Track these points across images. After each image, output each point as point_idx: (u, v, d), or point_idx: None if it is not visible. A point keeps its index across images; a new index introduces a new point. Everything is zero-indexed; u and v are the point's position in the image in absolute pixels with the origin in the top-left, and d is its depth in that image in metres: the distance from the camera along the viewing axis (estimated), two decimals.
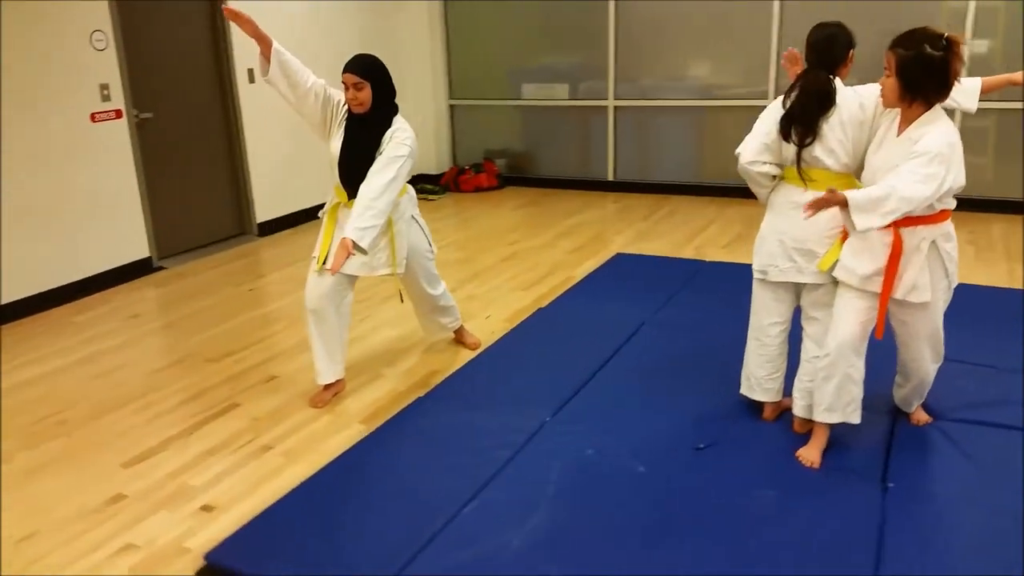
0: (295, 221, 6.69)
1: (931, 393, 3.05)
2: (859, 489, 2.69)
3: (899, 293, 2.67)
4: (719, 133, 7.20)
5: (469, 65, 7.97)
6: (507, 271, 5.27)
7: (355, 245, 3.12)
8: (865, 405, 2.84)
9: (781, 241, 2.86)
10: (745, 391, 3.16)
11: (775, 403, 3.12)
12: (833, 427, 2.86)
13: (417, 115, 3.40)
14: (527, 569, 2.37)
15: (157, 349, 4.31)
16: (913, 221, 2.59)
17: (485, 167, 7.91)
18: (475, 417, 3.25)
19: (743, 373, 3.17)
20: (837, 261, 2.75)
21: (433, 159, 8.00)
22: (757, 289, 3.04)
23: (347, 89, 3.25)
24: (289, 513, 2.67)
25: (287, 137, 6.46)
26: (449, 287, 3.97)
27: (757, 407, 3.16)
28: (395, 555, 2.43)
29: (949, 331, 2.88)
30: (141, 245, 5.50)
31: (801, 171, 2.76)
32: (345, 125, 3.34)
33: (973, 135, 5.99)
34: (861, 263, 2.68)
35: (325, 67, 3.28)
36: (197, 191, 5.98)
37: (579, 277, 5.01)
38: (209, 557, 2.48)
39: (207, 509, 2.78)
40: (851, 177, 2.77)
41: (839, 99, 2.69)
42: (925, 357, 2.88)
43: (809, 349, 2.94)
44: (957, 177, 2.52)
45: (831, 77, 2.71)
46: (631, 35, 7.17)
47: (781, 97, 2.81)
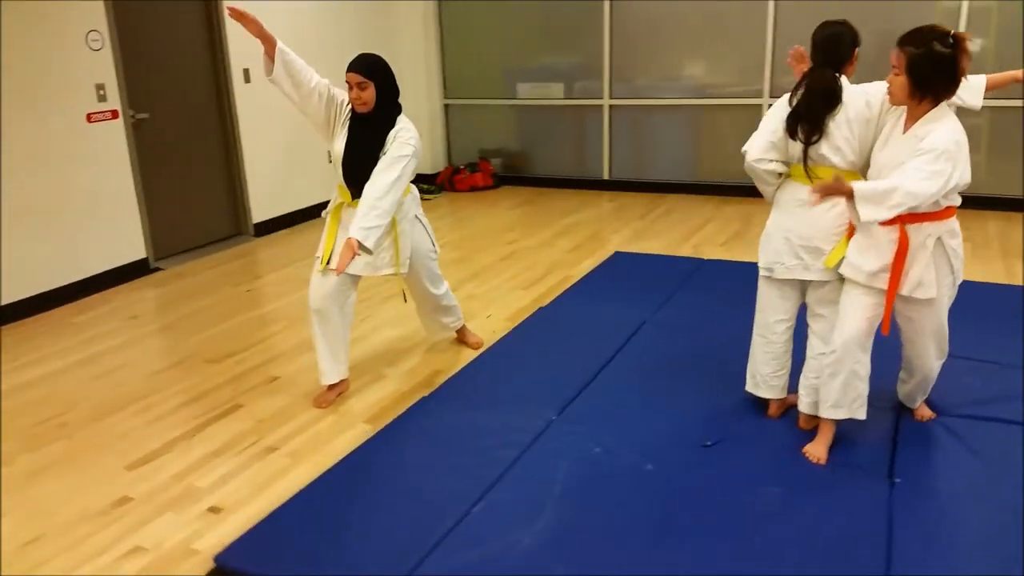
0: (291, 221, 6.67)
1: (934, 389, 3.06)
2: (866, 485, 2.70)
3: (905, 289, 2.68)
4: (714, 132, 7.22)
5: (464, 64, 7.96)
6: (506, 270, 5.27)
7: (360, 245, 3.11)
8: (869, 401, 2.84)
9: (787, 238, 2.87)
10: (750, 388, 3.17)
11: (780, 400, 3.13)
12: (839, 423, 2.87)
13: (411, 114, 3.38)
14: (538, 569, 2.36)
15: (157, 350, 4.29)
16: (919, 218, 2.61)
17: (480, 166, 7.90)
18: (480, 417, 3.25)
19: (748, 370, 3.18)
20: (843, 258, 2.77)
21: (428, 158, 7.98)
22: (763, 286, 3.05)
23: (351, 88, 3.23)
24: (297, 514, 2.66)
25: (283, 137, 6.45)
26: (449, 287, 3.96)
27: (762, 404, 3.17)
28: (404, 556, 2.42)
29: (952, 327, 2.89)
30: (138, 246, 5.47)
31: (807, 169, 2.77)
32: (349, 125, 3.33)
33: (968, 132, 5.96)
34: (867, 260, 2.69)
35: (319, 67, 3.27)
36: (193, 191, 5.95)
37: (578, 276, 5.01)
38: (218, 559, 2.46)
39: (214, 511, 2.77)
40: (857, 175, 2.77)
41: (845, 97, 2.70)
42: (930, 353, 2.89)
43: (815, 346, 2.95)
44: (963, 174, 2.53)
45: (837, 75, 2.72)
46: (626, 34, 7.18)
47: (787, 95, 2.81)
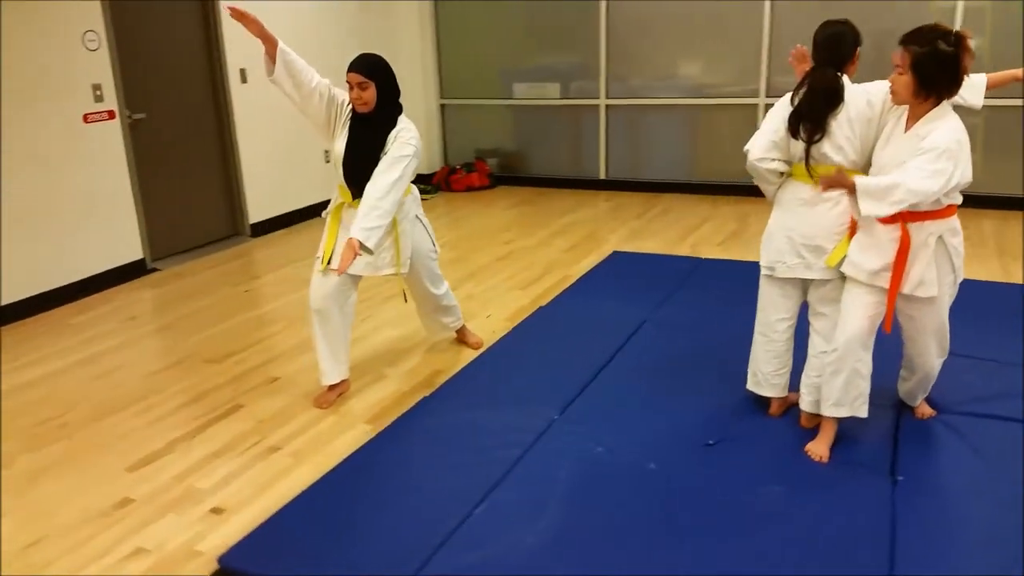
0: (288, 221, 6.65)
1: (934, 387, 3.07)
2: (869, 483, 2.71)
3: (907, 288, 2.69)
4: (710, 132, 7.23)
5: (460, 64, 7.96)
6: (504, 270, 5.27)
7: (361, 245, 3.11)
8: (869, 399, 2.85)
9: (789, 237, 2.88)
10: (752, 387, 3.18)
11: (782, 398, 3.14)
12: (841, 421, 2.88)
13: (407, 114, 3.38)
14: (542, 569, 2.36)
15: (156, 351, 4.27)
16: (920, 216, 2.62)
17: (476, 166, 7.90)
18: (481, 416, 3.24)
19: (749, 369, 3.18)
20: (845, 257, 2.77)
21: (424, 158, 7.95)
22: (764, 285, 3.06)
23: (351, 88, 3.23)
24: (301, 515, 2.66)
25: (280, 137, 6.43)
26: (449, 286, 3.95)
27: (763, 403, 3.18)
28: (409, 556, 2.41)
29: (951, 326, 2.90)
30: (135, 246, 5.45)
31: (809, 168, 2.78)
32: (349, 125, 3.33)
33: None
34: (869, 259, 2.70)
35: (314, 67, 3.26)
36: (190, 192, 5.93)
37: (576, 276, 5.01)
38: (222, 560, 2.45)
39: (216, 512, 2.76)
40: (859, 173, 2.78)
41: (847, 96, 2.71)
42: (931, 351, 2.90)
43: (816, 344, 2.96)
44: (964, 173, 2.54)
45: (839, 75, 2.72)
46: (622, 34, 7.19)
47: (789, 94, 2.82)
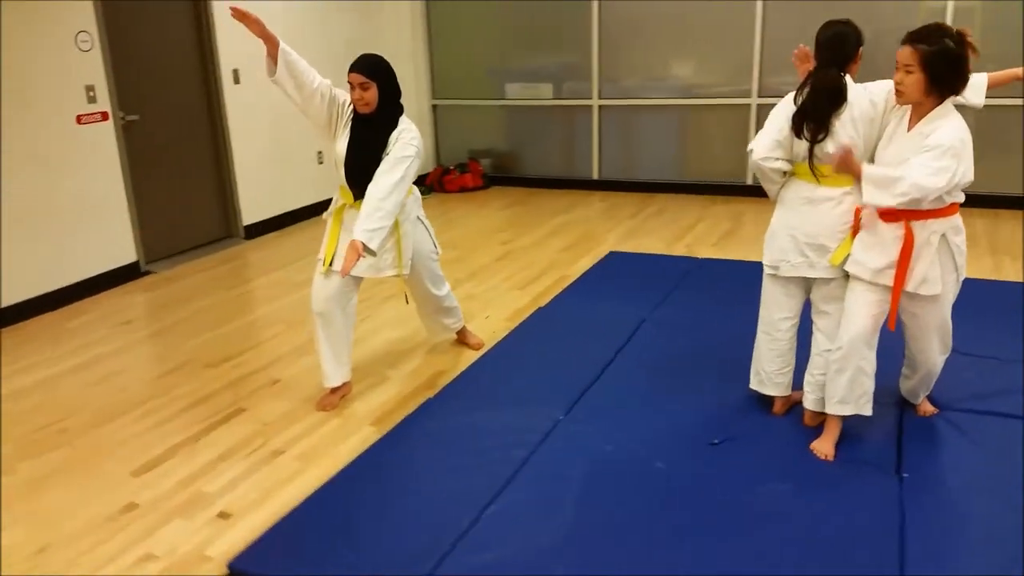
0: (282, 224, 6.62)
1: (936, 384, 3.10)
2: (875, 480, 2.72)
3: (910, 286, 2.71)
4: (703, 132, 7.25)
5: (452, 65, 7.94)
6: (502, 271, 5.27)
7: (364, 247, 3.10)
8: (872, 398, 2.87)
9: (793, 236, 2.89)
10: (755, 386, 3.19)
11: (785, 397, 3.15)
12: (845, 419, 2.90)
13: None
14: (557, 568, 2.37)
15: (154, 355, 4.24)
16: (923, 215, 2.64)
17: (470, 167, 7.89)
18: (485, 418, 3.24)
19: (753, 368, 3.19)
20: (848, 255, 2.79)
21: None
22: (767, 284, 3.07)
23: (353, 89, 3.22)
24: (310, 518, 2.65)
25: (273, 139, 6.40)
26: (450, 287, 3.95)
27: (767, 401, 3.19)
28: (421, 558, 2.41)
29: (952, 323, 2.92)
30: (128, 249, 5.41)
31: (813, 167, 2.79)
32: (351, 126, 3.32)
33: None
34: (872, 257, 2.72)
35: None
36: (183, 194, 5.89)
37: (574, 275, 5.02)
38: (232, 565, 2.45)
39: (224, 516, 2.74)
40: None
41: (850, 96, 2.72)
42: (934, 349, 2.92)
43: (820, 343, 2.97)
44: (967, 171, 2.57)
45: (842, 74, 2.74)
46: (615, 35, 7.20)
47: (792, 94, 2.84)
